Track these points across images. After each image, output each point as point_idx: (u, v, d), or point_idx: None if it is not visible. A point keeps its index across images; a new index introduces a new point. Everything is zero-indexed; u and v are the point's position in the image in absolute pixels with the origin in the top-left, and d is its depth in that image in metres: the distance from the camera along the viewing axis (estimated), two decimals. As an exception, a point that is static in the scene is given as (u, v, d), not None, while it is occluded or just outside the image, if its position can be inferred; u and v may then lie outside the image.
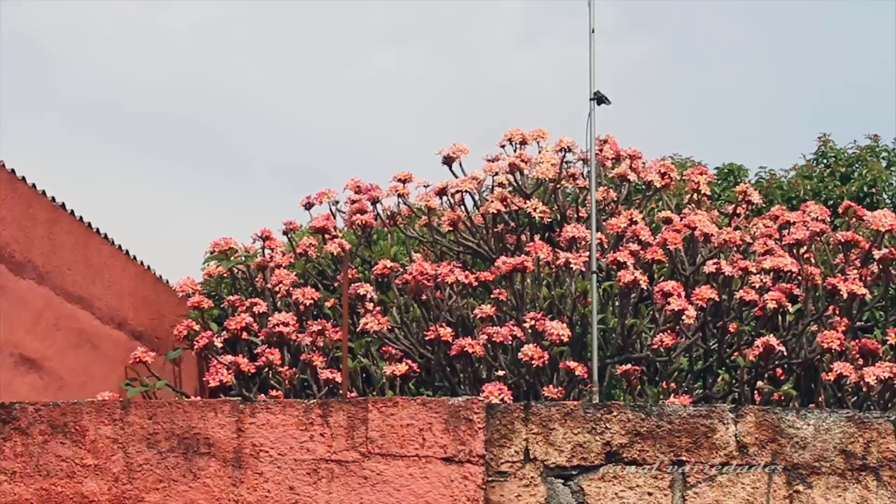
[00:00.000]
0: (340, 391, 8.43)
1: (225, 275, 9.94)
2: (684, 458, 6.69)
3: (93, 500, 6.83)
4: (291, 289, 9.33)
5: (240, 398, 7.19)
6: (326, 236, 9.78)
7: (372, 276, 9.40)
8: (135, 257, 10.60)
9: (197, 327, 9.18)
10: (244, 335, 8.99)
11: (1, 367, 8.85)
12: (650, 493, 6.68)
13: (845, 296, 8.68)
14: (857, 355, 8.46)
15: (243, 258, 9.90)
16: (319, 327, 8.90)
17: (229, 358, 8.74)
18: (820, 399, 8.66)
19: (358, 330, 8.77)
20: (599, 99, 8.54)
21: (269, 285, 9.56)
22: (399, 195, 9.98)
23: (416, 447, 6.73)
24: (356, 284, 9.01)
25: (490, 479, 6.74)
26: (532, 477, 6.74)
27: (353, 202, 9.93)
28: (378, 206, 10.00)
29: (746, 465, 6.67)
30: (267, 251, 9.99)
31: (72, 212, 9.65)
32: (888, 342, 8.55)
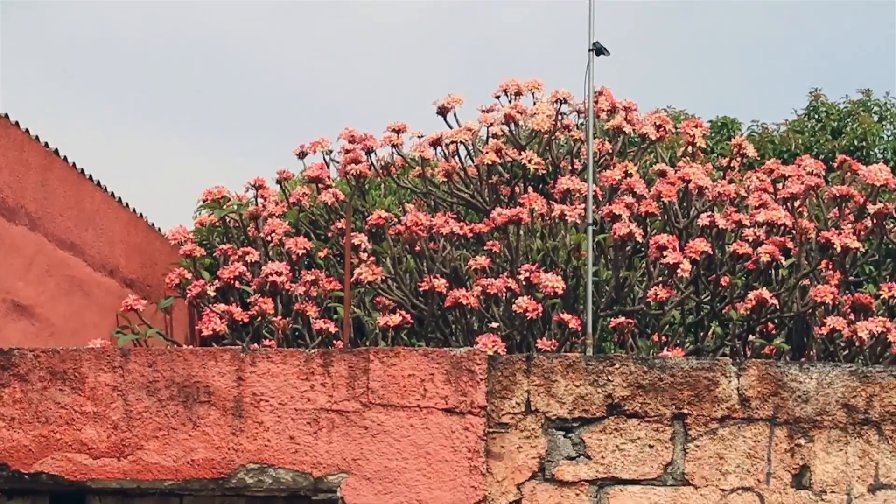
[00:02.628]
0: (335, 341, 8.43)
1: (217, 224, 9.98)
2: (686, 411, 6.70)
3: (91, 446, 6.81)
4: (284, 238, 9.34)
5: (241, 347, 7.16)
6: (320, 186, 9.80)
7: (366, 227, 9.43)
8: (127, 204, 10.55)
9: (189, 276, 9.20)
10: (237, 284, 9.03)
11: (-7, 314, 8.82)
12: (651, 446, 6.71)
13: (839, 250, 8.71)
14: (850, 310, 8.50)
15: (236, 207, 9.94)
16: (313, 277, 8.91)
17: (222, 307, 8.76)
18: (812, 353, 8.73)
19: (352, 280, 8.76)
20: (598, 50, 8.52)
21: (261, 235, 9.58)
22: (393, 145, 10.00)
23: (418, 398, 6.74)
24: (351, 234, 8.94)
25: (491, 430, 6.75)
26: (533, 429, 6.76)
27: (347, 152, 9.93)
28: (372, 156, 10.03)
29: (748, 419, 6.69)
30: (260, 200, 10.01)
31: (65, 158, 9.58)
32: (881, 296, 8.62)
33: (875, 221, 8.90)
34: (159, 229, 10.95)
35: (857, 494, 6.58)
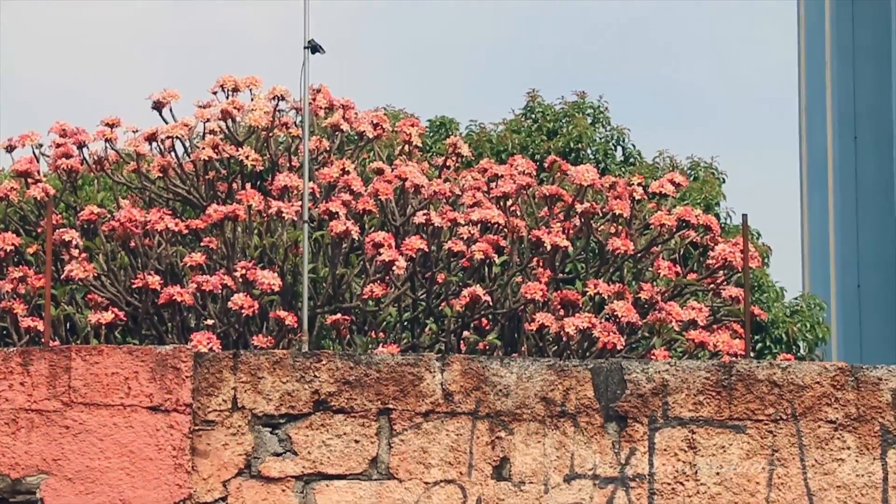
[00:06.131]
0: (43, 340, 8.27)
1: None
2: (391, 406, 6.81)
3: None
4: None
5: None
6: (29, 180, 9.55)
7: (77, 223, 9.22)
8: None
9: None
10: None
11: None
12: (357, 441, 6.79)
13: (549, 248, 8.89)
14: (559, 306, 8.70)
15: None
16: (21, 274, 8.69)
17: None
18: (523, 348, 8.91)
19: (62, 277, 8.61)
20: (314, 48, 8.53)
21: None
22: (107, 140, 9.78)
23: (122, 396, 6.70)
24: (61, 230, 8.83)
25: (197, 427, 6.75)
26: (239, 426, 6.77)
27: (59, 146, 9.69)
28: (84, 150, 9.80)
29: (451, 413, 6.81)
30: None
31: None
32: (588, 293, 8.84)
33: (582, 221, 9.11)
34: None
35: (553, 484, 6.75)
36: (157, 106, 9.75)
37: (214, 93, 9.96)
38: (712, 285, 9.39)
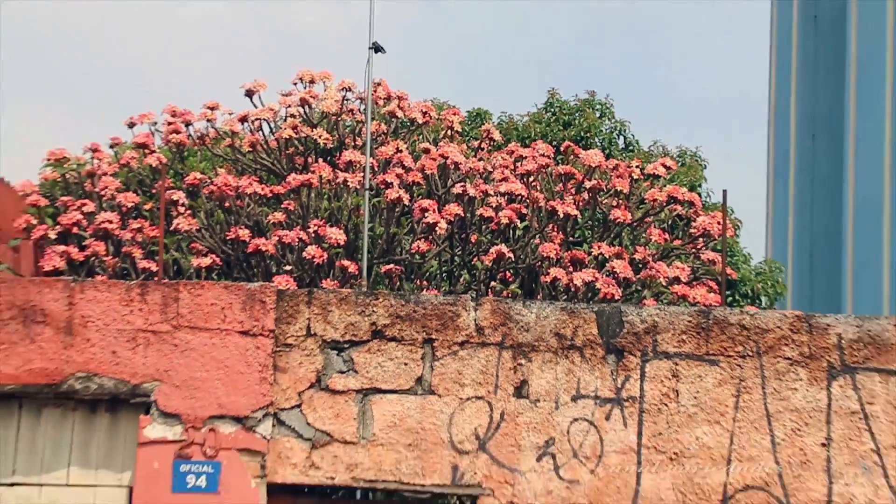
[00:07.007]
0: (156, 278, 8.26)
1: (58, 179, 9.55)
2: (434, 337, 6.76)
3: None
4: (116, 193, 9.04)
5: (72, 277, 7.04)
6: (146, 151, 9.49)
7: (184, 186, 9.17)
8: None
9: (34, 221, 8.84)
10: (74, 230, 8.69)
11: None
12: (406, 364, 6.75)
13: (562, 216, 8.79)
14: (569, 263, 8.61)
15: (75, 166, 9.51)
16: (139, 225, 8.68)
17: (61, 248, 8.45)
18: (539, 297, 8.77)
19: (171, 229, 8.58)
20: (377, 48, 8.50)
21: (96, 190, 9.25)
22: (208, 120, 9.67)
23: (219, 322, 6.70)
24: (170, 192, 8.79)
25: (278, 349, 6.73)
26: (312, 348, 6.75)
27: (170, 124, 9.59)
28: (190, 128, 9.67)
29: (482, 343, 6.76)
30: (95, 161, 9.61)
31: None
32: (592, 253, 8.71)
33: (590, 195, 9.00)
34: (9, 182, 10.51)
35: (562, 403, 6.70)
36: (249, 93, 9.63)
37: (294, 84, 9.82)
38: (693, 250, 9.17)
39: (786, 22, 36.18)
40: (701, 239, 9.09)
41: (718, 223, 8.87)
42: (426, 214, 8.67)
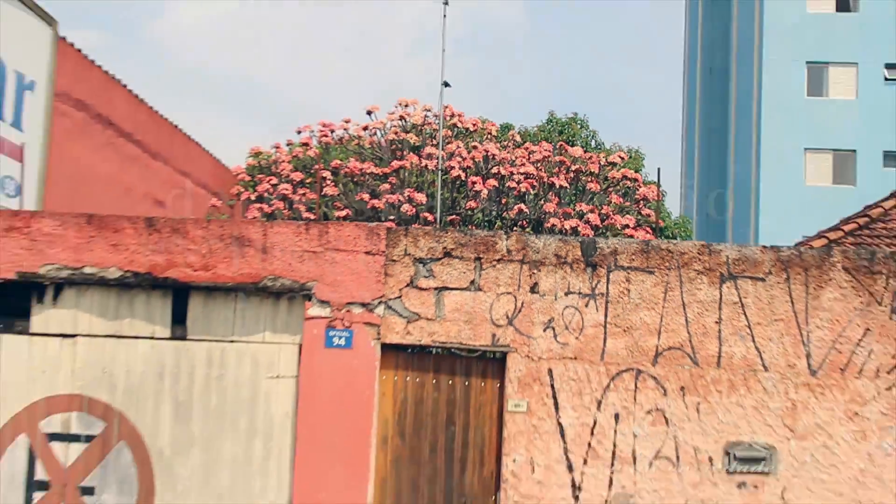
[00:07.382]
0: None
1: (255, 165, 11.67)
2: (481, 256, 8.32)
3: (194, 266, 8.35)
4: (290, 173, 11.13)
5: (265, 219, 9.09)
6: (307, 147, 11.66)
7: (330, 168, 11.22)
8: (209, 152, 12.44)
9: (241, 189, 11.07)
10: (265, 195, 10.86)
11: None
12: (464, 272, 8.35)
13: (558, 187, 10.73)
14: (562, 216, 10.39)
15: (266, 157, 11.84)
16: (304, 191, 10.76)
17: (258, 205, 10.70)
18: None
19: (321, 193, 10.61)
20: (446, 84, 10.40)
21: (278, 170, 11.35)
22: (344, 129, 11.87)
23: (353, 246, 8.35)
24: (322, 171, 10.79)
25: (387, 262, 8.32)
26: (407, 262, 8.34)
27: (321, 131, 11.76)
28: (333, 133, 11.74)
29: (510, 260, 8.34)
30: (277, 153, 11.86)
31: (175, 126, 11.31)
32: (576, 210, 10.44)
33: (574, 174, 10.74)
34: (226, 165, 12.87)
35: (559, 296, 8.09)
36: (369, 111, 11.56)
37: (396, 106, 12.00)
38: (637, 208, 10.94)
39: (693, 45, 39.69)
40: (642, 202, 11.00)
41: (653, 192, 10.89)
42: (475, 185, 10.76)
